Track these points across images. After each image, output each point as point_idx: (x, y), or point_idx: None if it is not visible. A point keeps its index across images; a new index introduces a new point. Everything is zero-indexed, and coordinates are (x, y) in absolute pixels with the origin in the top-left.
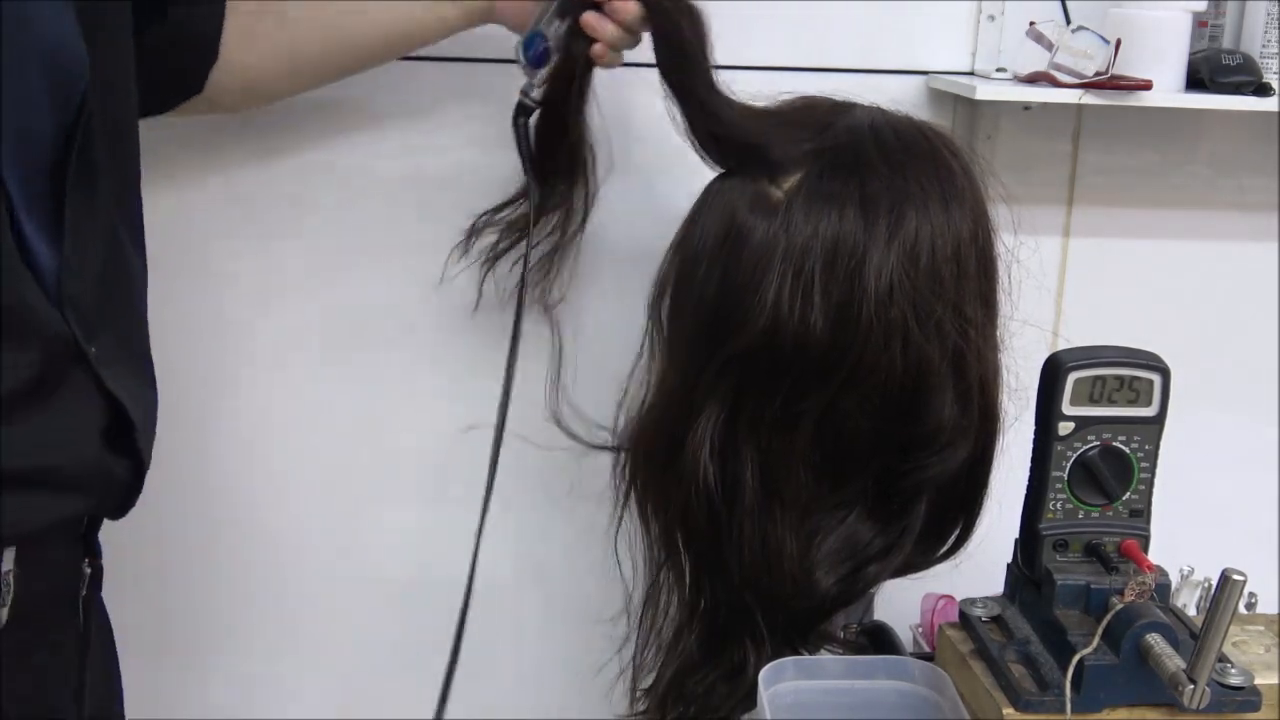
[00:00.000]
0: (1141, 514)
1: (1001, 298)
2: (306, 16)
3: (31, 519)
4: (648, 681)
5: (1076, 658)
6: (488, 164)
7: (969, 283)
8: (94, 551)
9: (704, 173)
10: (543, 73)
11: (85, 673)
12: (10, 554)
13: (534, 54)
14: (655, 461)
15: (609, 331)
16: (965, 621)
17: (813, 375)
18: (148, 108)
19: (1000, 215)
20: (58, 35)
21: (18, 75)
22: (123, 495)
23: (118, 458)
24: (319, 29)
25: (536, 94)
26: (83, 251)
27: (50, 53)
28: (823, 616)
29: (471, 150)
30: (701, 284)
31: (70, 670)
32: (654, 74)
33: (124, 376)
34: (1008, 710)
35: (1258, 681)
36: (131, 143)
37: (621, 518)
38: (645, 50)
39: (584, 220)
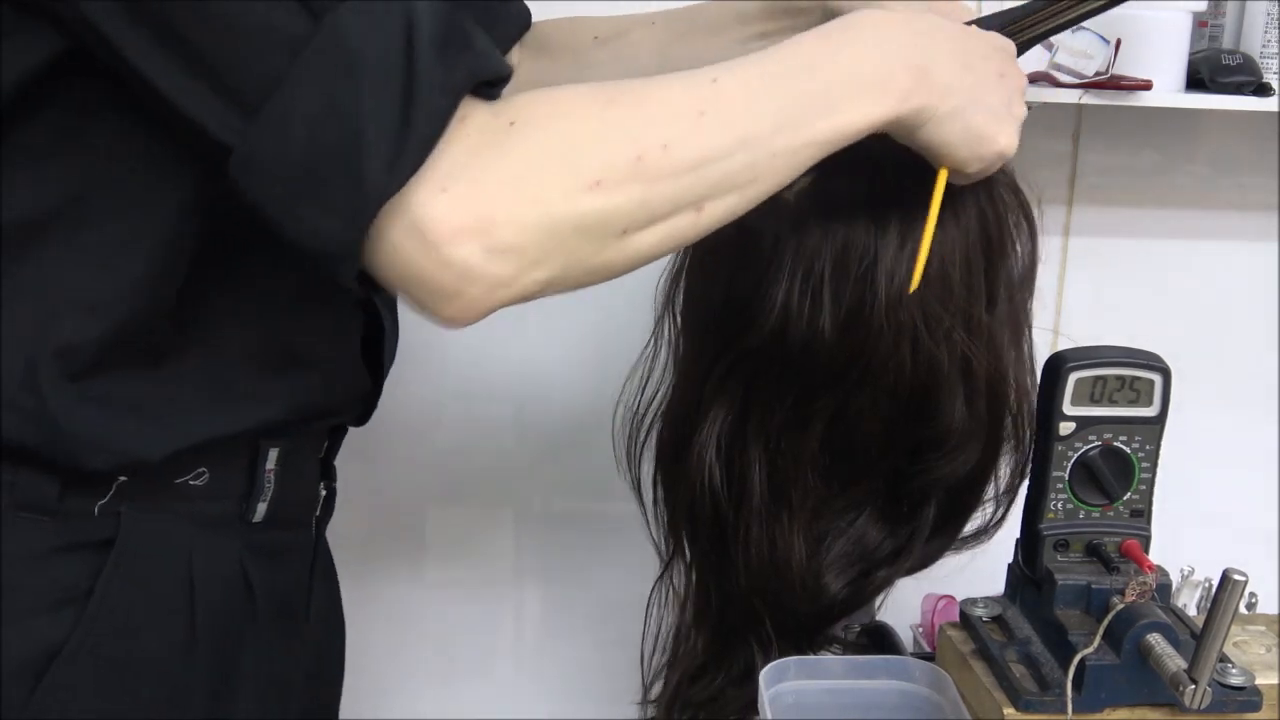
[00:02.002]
0: (1142, 514)
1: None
2: (651, 52)
3: (305, 401)
4: (655, 686)
5: (1077, 658)
6: None
7: (979, 286)
8: (330, 475)
9: None
10: None
11: (312, 592)
12: (274, 454)
13: None
14: (664, 459)
15: (609, 329)
16: (966, 621)
17: (821, 377)
18: None
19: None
20: None
21: None
22: (365, 401)
23: (366, 367)
24: (666, 68)
25: None
26: None
27: None
28: (831, 620)
29: None
30: (710, 284)
31: (302, 588)
32: None
33: (380, 301)
34: (1008, 710)
35: (1258, 681)
36: None
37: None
38: None
39: None
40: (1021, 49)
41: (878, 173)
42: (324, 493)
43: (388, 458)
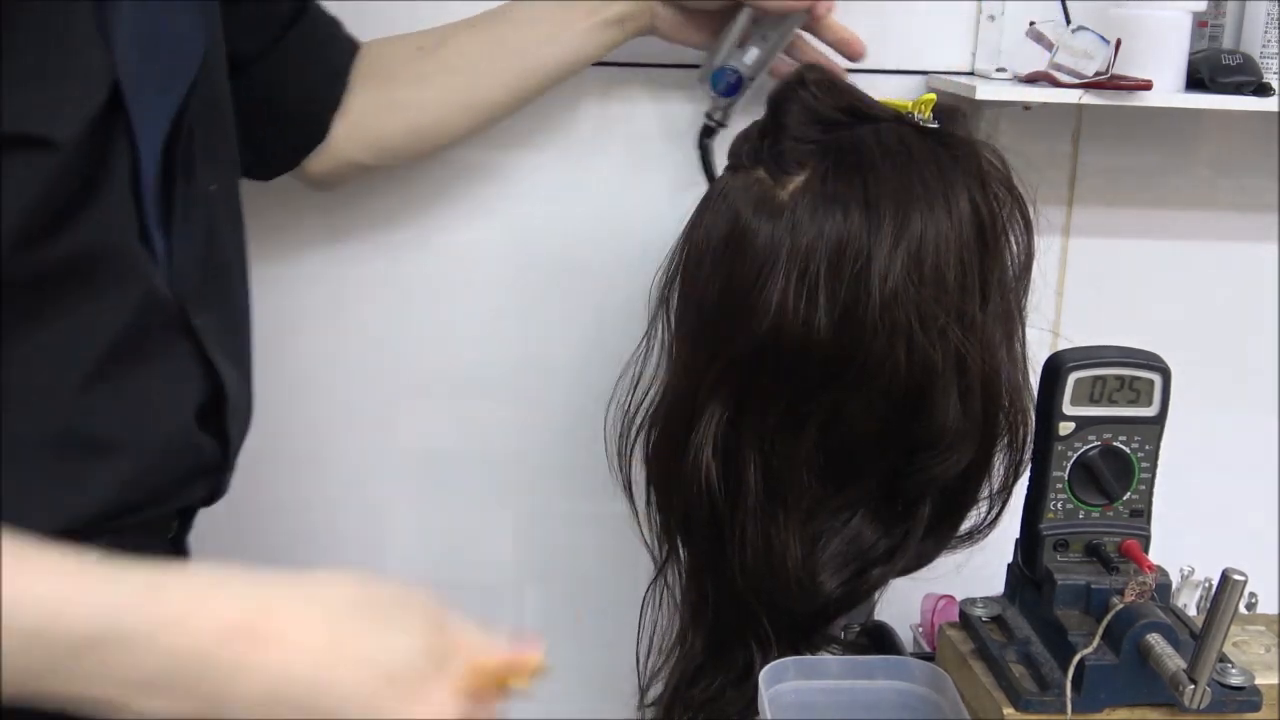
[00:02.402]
0: (1142, 514)
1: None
2: (479, 53)
3: (113, 488)
4: (653, 687)
5: (1077, 658)
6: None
7: (973, 285)
8: (184, 554)
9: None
10: (736, 99)
11: None
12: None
13: (725, 86)
14: (660, 459)
15: (608, 330)
16: (966, 621)
17: (816, 378)
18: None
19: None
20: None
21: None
22: (213, 479)
23: (207, 435)
24: (498, 65)
25: (722, 117)
26: (188, 232)
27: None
28: (826, 619)
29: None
30: (705, 284)
31: None
32: (655, 74)
33: (224, 358)
34: (1008, 710)
35: (1258, 681)
36: (231, 144)
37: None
38: (644, 49)
39: None
40: None
41: (871, 172)
42: None
43: (385, 457)
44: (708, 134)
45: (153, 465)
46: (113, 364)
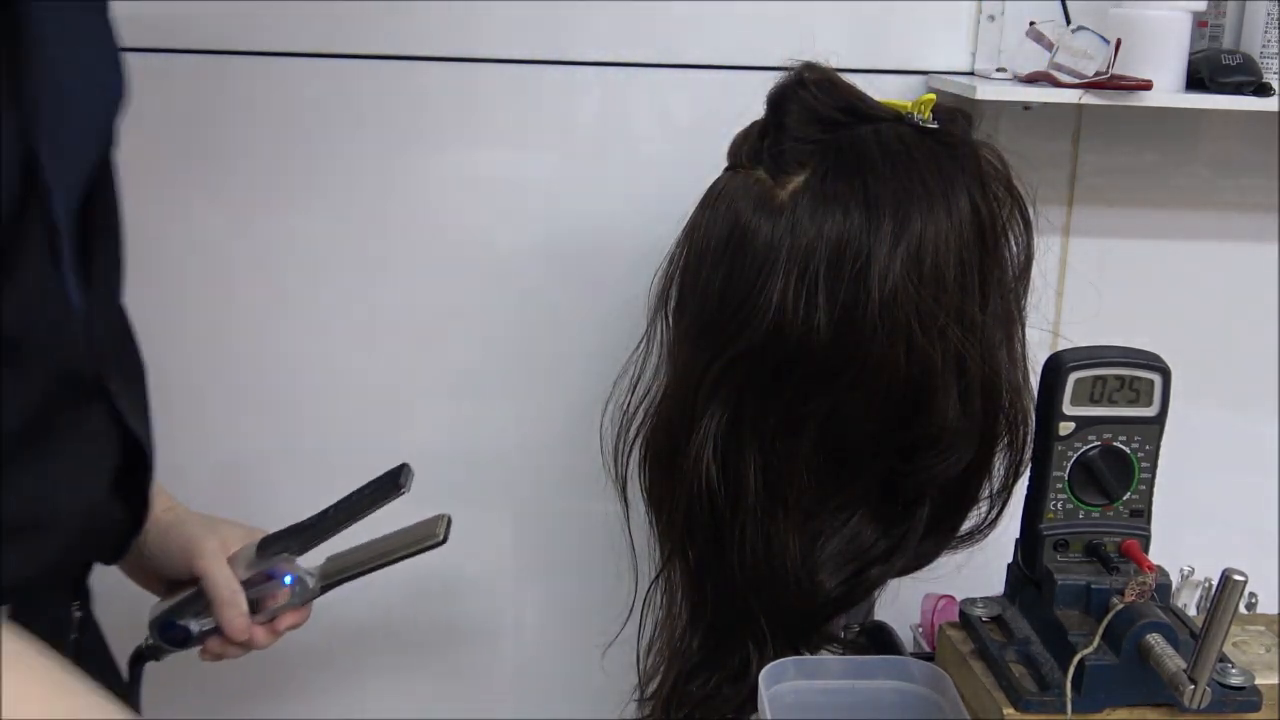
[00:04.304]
0: (1142, 514)
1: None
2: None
3: (31, 565)
4: (651, 684)
5: (1077, 658)
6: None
7: (973, 285)
8: (83, 595)
9: (705, 171)
10: (176, 650)
11: None
12: (4, 610)
13: (172, 637)
14: (659, 459)
15: (608, 330)
16: (966, 621)
17: (816, 377)
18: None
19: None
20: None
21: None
22: (121, 540)
23: (120, 500)
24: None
25: (160, 653)
26: (104, 294)
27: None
28: (825, 618)
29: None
30: (705, 284)
31: None
32: (654, 74)
33: (137, 420)
34: (1008, 710)
35: (1258, 682)
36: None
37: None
38: (644, 49)
39: None
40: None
41: (871, 172)
42: (78, 614)
43: (385, 457)
44: (138, 660)
45: (68, 544)
46: (27, 443)
